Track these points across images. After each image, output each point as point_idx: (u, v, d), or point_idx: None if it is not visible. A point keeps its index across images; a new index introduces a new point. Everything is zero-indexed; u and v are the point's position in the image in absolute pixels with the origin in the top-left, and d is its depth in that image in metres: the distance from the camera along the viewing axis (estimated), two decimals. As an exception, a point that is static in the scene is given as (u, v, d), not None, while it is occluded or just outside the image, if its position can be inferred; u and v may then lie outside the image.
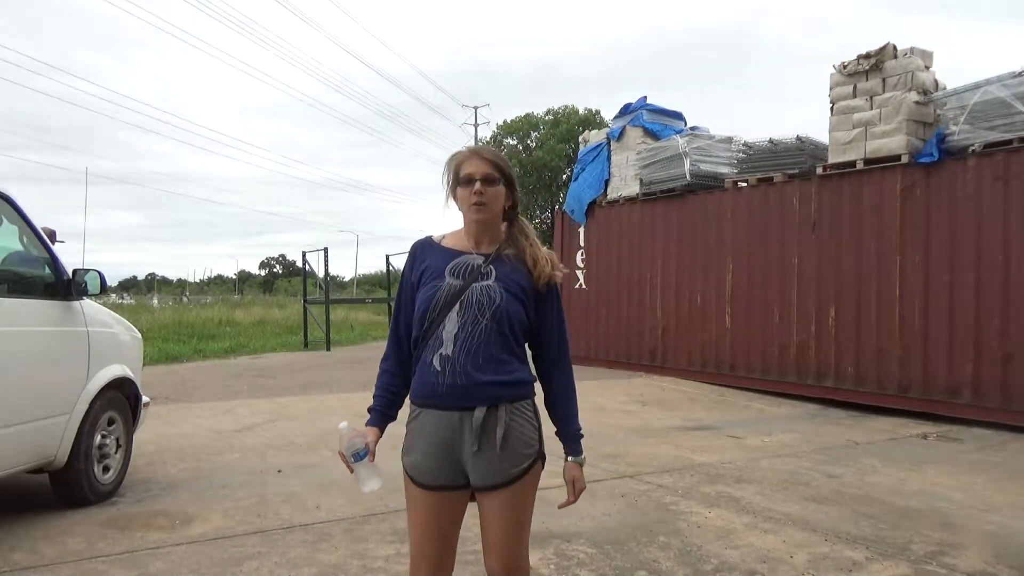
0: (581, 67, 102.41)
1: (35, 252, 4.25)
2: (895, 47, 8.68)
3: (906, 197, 8.47)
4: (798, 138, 9.92)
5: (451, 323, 2.03)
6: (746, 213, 10.20)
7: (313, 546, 3.75)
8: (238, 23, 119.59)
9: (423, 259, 2.15)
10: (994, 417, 7.64)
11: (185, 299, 40.73)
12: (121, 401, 4.76)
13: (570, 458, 2.16)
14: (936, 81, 8.75)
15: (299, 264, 21.09)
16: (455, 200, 2.13)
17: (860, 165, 8.81)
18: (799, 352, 9.48)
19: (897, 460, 6.10)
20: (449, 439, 2.03)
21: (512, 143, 43.60)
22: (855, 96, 8.89)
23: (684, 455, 6.13)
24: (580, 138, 14.43)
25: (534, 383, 2.14)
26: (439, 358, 2.03)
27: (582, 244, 12.97)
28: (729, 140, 11.08)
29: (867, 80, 8.80)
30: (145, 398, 5.07)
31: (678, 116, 12.43)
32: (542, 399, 2.18)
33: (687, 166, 10.79)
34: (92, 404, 4.37)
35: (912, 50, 8.67)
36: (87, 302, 4.53)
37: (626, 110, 12.45)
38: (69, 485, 4.32)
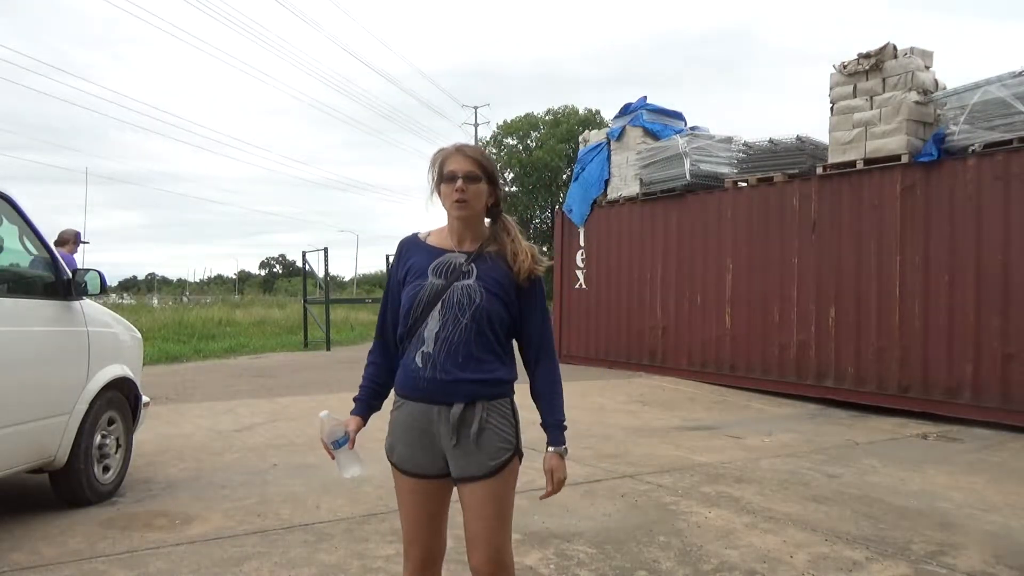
0: (581, 67, 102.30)
1: (35, 252, 4.26)
2: (895, 47, 8.68)
3: (906, 197, 8.48)
4: (798, 138, 9.93)
5: (433, 322, 2.08)
6: (746, 213, 10.20)
7: (313, 546, 3.75)
8: (238, 23, 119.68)
9: (408, 257, 2.20)
10: (994, 417, 7.65)
11: (185, 299, 40.72)
12: (121, 401, 4.76)
13: (550, 448, 2.17)
14: (936, 81, 8.75)
15: (299, 264, 21.12)
16: (439, 196, 2.17)
17: (860, 165, 8.81)
18: (799, 352, 9.48)
19: (897, 460, 6.10)
20: (428, 431, 2.10)
21: (512, 143, 43.62)
22: (855, 96, 8.89)
23: (684, 455, 6.13)
24: (580, 138, 14.43)
25: (513, 382, 2.18)
26: (421, 355, 2.09)
27: (582, 244, 12.98)
28: (729, 140, 11.09)
29: (867, 80, 8.80)
30: (145, 398, 5.08)
31: (678, 116, 12.44)
32: (529, 394, 2.22)
33: (687, 166, 10.80)
34: (92, 404, 4.37)
35: (912, 50, 8.67)
36: (87, 302, 4.54)
37: (626, 110, 12.46)
38: (69, 485, 4.32)
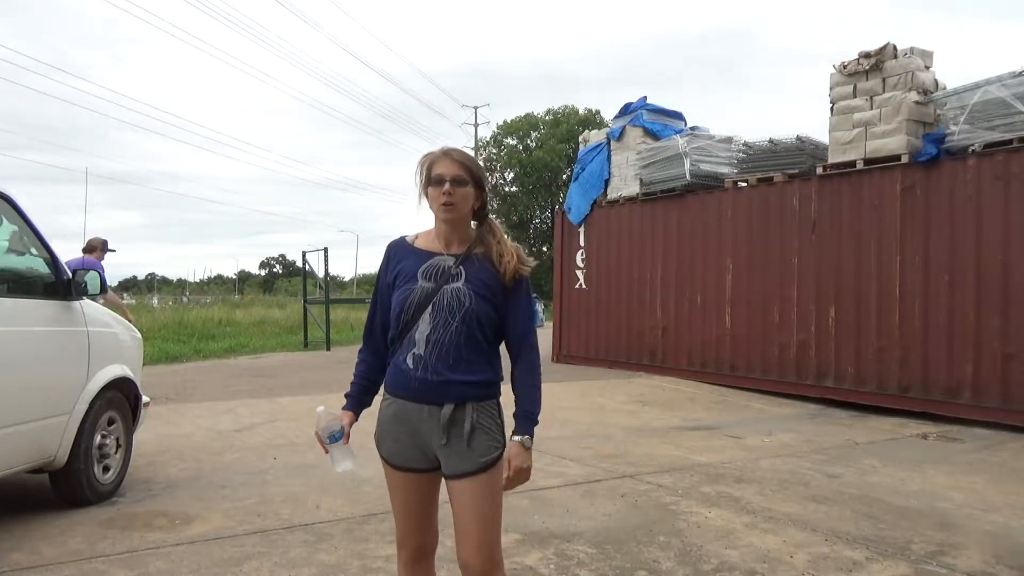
0: (581, 67, 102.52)
1: (35, 252, 4.25)
2: (895, 47, 8.68)
3: (906, 197, 8.48)
4: (798, 138, 9.93)
5: (424, 324, 2.12)
6: (746, 213, 10.20)
7: (313, 546, 3.75)
8: (238, 23, 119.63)
9: (398, 260, 2.24)
10: (994, 417, 7.65)
11: (185, 299, 40.77)
12: (121, 401, 4.76)
13: (514, 437, 2.17)
14: (936, 81, 8.76)
15: (299, 264, 21.12)
16: (427, 199, 2.20)
17: (860, 165, 8.81)
18: (799, 352, 9.48)
19: (897, 460, 6.10)
20: (418, 428, 2.13)
21: (512, 143, 43.62)
22: (855, 96, 8.89)
23: (684, 455, 6.13)
24: (580, 138, 14.43)
25: (500, 383, 2.22)
26: (412, 357, 2.13)
27: (582, 244, 12.98)
28: (729, 140, 11.08)
29: (867, 80, 8.81)
30: (145, 398, 5.08)
31: (678, 116, 12.44)
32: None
33: (687, 166, 10.80)
34: (92, 404, 4.37)
35: (912, 50, 8.68)
36: (87, 302, 4.54)
37: (626, 110, 12.46)
38: (69, 485, 4.32)
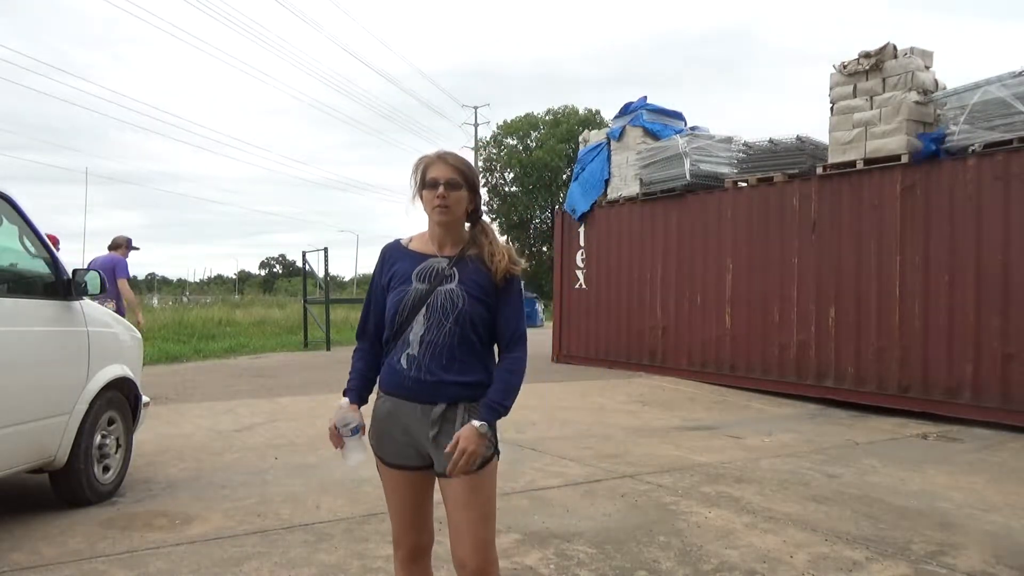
0: (581, 67, 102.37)
1: (35, 252, 4.25)
2: (895, 47, 8.68)
3: (906, 197, 8.48)
4: (798, 138, 9.93)
5: (418, 326, 2.15)
6: (746, 213, 10.20)
7: (313, 546, 3.75)
8: (238, 23, 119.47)
9: (392, 262, 2.26)
10: (994, 417, 7.65)
11: (185, 299, 40.72)
12: (121, 401, 4.76)
13: (473, 421, 2.10)
14: (936, 81, 8.76)
15: (299, 264, 21.12)
16: (421, 201, 2.22)
17: (860, 165, 8.81)
18: (799, 352, 9.48)
19: (897, 460, 6.10)
20: (410, 427, 2.15)
21: (512, 143, 43.64)
22: (855, 96, 8.90)
23: (684, 455, 6.13)
24: (580, 138, 14.43)
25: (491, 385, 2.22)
26: (406, 358, 2.15)
27: (582, 244, 12.98)
28: (729, 140, 11.09)
29: (867, 80, 8.81)
30: (145, 398, 5.08)
31: (678, 116, 12.44)
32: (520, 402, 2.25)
33: (687, 166, 10.80)
34: (92, 404, 4.37)
35: (912, 50, 8.68)
36: (87, 302, 4.54)
37: (626, 110, 12.47)
38: (69, 485, 4.32)
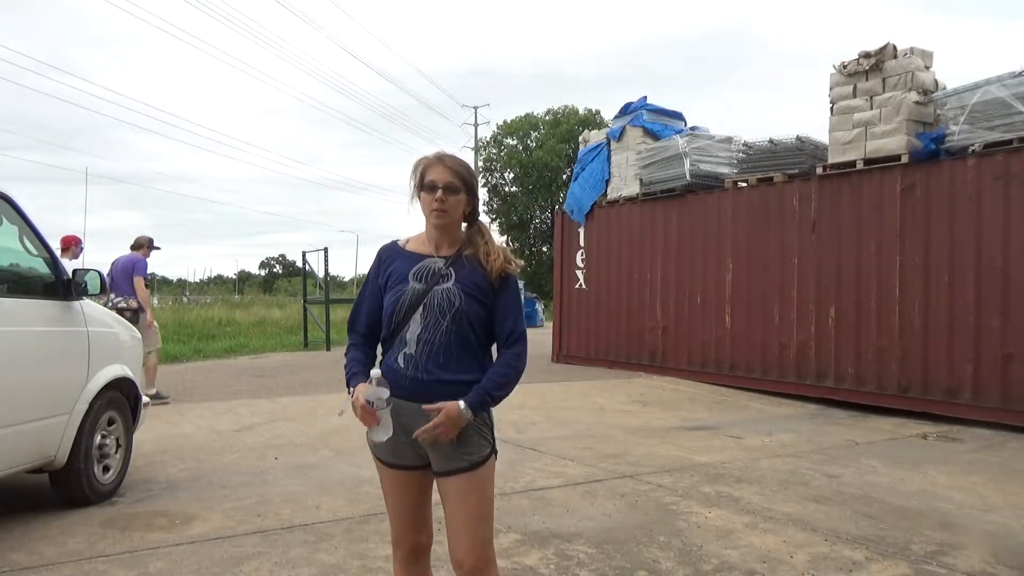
0: (581, 67, 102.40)
1: (35, 252, 4.25)
2: (895, 47, 8.68)
3: (906, 197, 8.48)
4: (798, 138, 9.93)
5: (415, 325, 2.15)
6: (746, 213, 10.20)
7: (313, 546, 3.75)
8: (238, 23, 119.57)
9: (389, 263, 2.27)
10: (994, 417, 7.65)
11: (185, 299, 40.75)
12: (121, 401, 4.76)
13: (461, 402, 2.09)
14: (936, 81, 8.76)
15: (299, 264, 21.10)
16: (420, 202, 2.23)
17: (860, 165, 8.81)
18: (799, 352, 9.48)
19: (897, 460, 6.10)
20: (408, 426, 2.13)
21: (512, 143, 43.63)
22: (855, 96, 8.90)
23: (684, 455, 6.13)
24: (580, 138, 14.43)
25: None
26: (403, 357, 2.15)
27: (582, 244, 12.98)
28: (729, 140, 11.08)
29: (867, 80, 8.81)
30: (145, 398, 5.08)
31: (678, 116, 12.44)
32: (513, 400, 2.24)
33: (687, 166, 10.80)
34: (92, 404, 4.37)
35: (912, 50, 8.68)
36: (87, 302, 4.54)
37: (626, 110, 12.46)
38: (69, 485, 4.32)
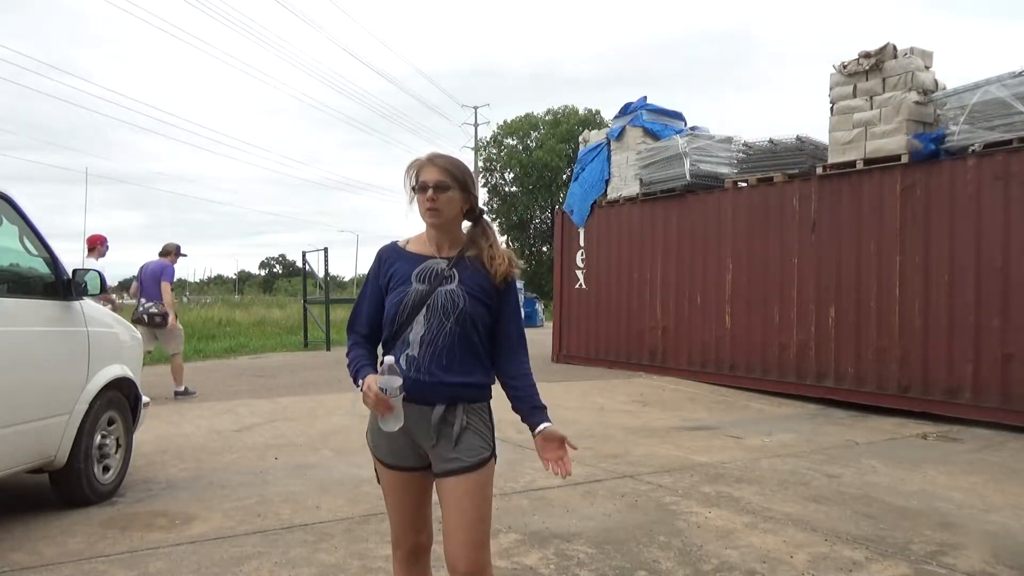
0: (581, 67, 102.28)
1: (35, 252, 4.25)
2: (895, 47, 8.68)
3: (906, 197, 8.48)
4: (798, 138, 9.93)
5: (418, 326, 2.14)
6: (746, 213, 10.20)
7: (313, 546, 3.75)
8: (238, 23, 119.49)
9: (390, 264, 2.25)
10: (994, 417, 7.64)
11: (185, 299, 40.67)
12: (121, 401, 4.76)
13: (545, 424, 2.14)
14: (936, 81, 8.76)
15: (299, 264, 21.10)
16: (416, 204, 2.22)
17: (860, 165, 8.81)
18: (799, 352, 9.48)
19: (897, 460, 6.10)
20: (409, 427, 2.13)
21: (512, 143, 43.65)
22: (855, 96, 8.89)
23: (684, 455, 6.13)
24: (580, 138, 14.43)
25: (491, 386, 2.23)
26: (406, 358, 2.14)
27: (582, 244, 12.98)
28: (729, 140, 11.08)
29: (867, 80, 8.81)
30: (145, 398, 5.08)
31: (678, 116, 12.44)
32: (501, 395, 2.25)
33: (687, 166, 10.80)
34: (92, 404, 4.37)
35: (912, 50, 8.68)
36: (87, 302, 4.54)
37: (626, 110, 12.46)
38: (69, 485, 4.32)
